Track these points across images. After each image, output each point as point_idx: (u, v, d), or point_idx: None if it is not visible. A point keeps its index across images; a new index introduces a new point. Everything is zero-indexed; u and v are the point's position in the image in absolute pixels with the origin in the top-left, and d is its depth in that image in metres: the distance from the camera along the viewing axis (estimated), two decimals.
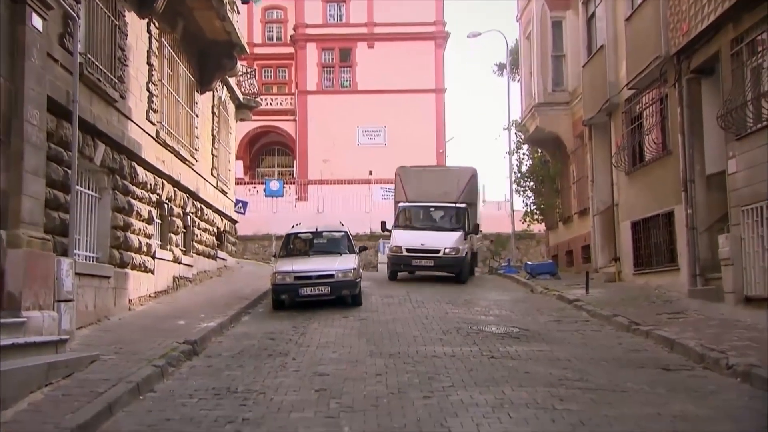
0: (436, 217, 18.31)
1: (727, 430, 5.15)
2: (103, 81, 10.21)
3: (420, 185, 18.80)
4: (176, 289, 14.31)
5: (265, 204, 32.60)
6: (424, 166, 21.26)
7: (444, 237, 16.92)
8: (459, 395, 6.17)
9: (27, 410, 5.51)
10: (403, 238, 17.04)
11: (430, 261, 16.62)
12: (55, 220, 8.56)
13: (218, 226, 19.23)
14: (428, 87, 40.44)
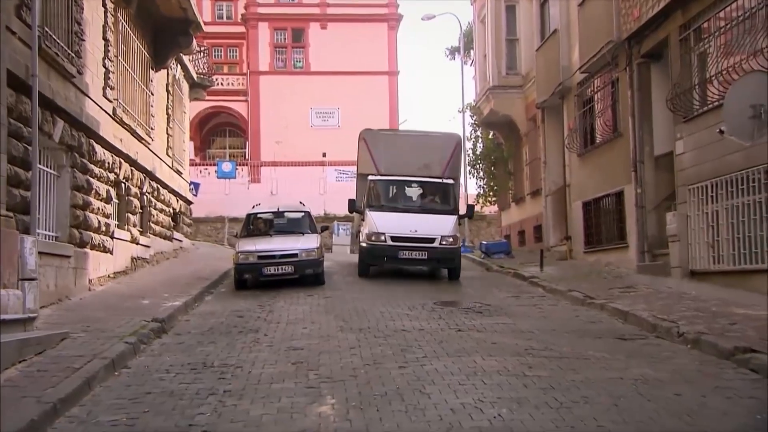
0: (421, 197, 14.80)
1: (684, 391, 5.46)
2: (61, 55, 9.96)
3: (395, 154, 14.79)
4: (134, 269, 14.12)
5: (218, 186, 32.19)
6: (396, 130, 18.08)
7: (439, 222, 13.50)
8: (433, 365, 6.37)
9: (4, 386, 5.47)
10: (386, 223, 13.34)
11: (423, 253, 13.12)
12: (16, 197, 8.37)
13: (174, 207, 18.99)
14: (381, 69, 40.44)
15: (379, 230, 13.23)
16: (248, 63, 40.93)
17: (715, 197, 10.54)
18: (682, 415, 4.79)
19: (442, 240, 13.12)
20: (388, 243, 13.16)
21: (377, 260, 13.60)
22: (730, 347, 6.72)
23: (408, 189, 14.93)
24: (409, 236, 13.13)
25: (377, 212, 13.78)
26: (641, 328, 8.47)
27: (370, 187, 14.42)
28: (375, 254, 13.44)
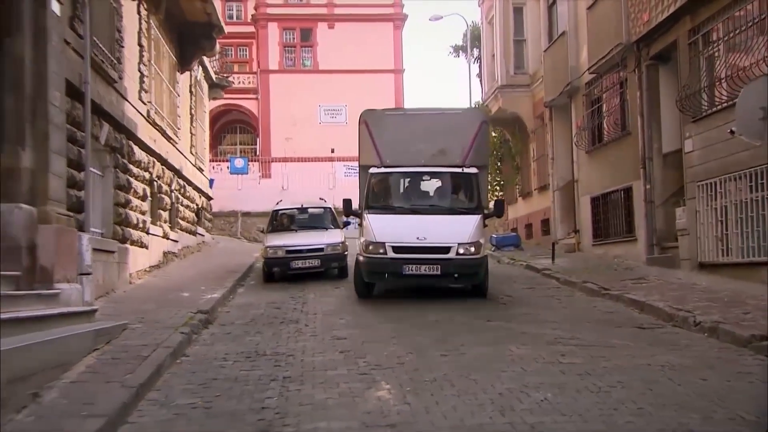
0: (434, 192, 11.58)
1: (709, 376, 5.75)
2: (105, 62, 10.28)
3: (403, 139, 11.36)
4: (166, 263, 14.45)
5: (230, 181, 32.50)
6: (405, 109, 12.63)
7: (456, 225, 10.25)
8: (472, 353, 6.69)
9: (87, 372, 5.79)
10: (386, 229, 10.17)
11: (434, 267, 9.81)
12: (72, 198, 8.68)
13: (197, 202, 19.30)
14: (387, 67, 40.72)
15: (378, 239, 9.97)
16: (258, 62, 41.16)
17: (724, 193, 10.83)
18: (712, 398, 5.07)
19: (459, 249, 9.81)
20: (389, 255, 9.85)
21: (376, 277, 10.28)
22: (746, 335, 6.97)
23: (418, 183, 11.60)
24: (415, 245, 9.88)
25: (376, 215, 10.53)
26: (658, 317, 8.74)
27: (370, 182, 11.19)
28: (373, 270, 10.09)
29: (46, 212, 7.33)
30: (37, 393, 4.99)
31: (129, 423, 4.87)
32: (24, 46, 7.11)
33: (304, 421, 4.79)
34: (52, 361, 5.40)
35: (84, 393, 5.18)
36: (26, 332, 5.50)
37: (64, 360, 5.66)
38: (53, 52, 7.61)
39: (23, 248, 6.93)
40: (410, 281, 10.37)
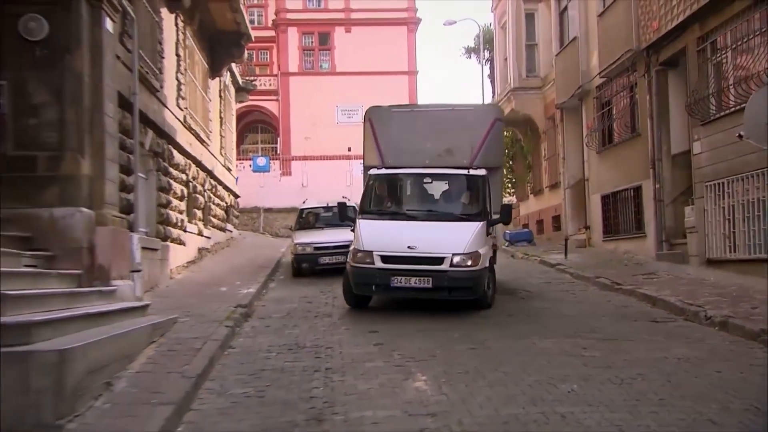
0: (436, 196, 10.34)
1: (723, 369, 5.92)
2: (149, 73, 10.54)
3: (407, 138, 10.21)
4: (201, 259, 14.75)
5: (253, 179, 32.79)
6: (412, 105, 11.11)
7: (453, 233, 9.03)
8: (499, 346, 6.89)
9: (148, 363, 6.04)
10: (375, 237, 9.09)
11: (426, 279, 8.66)
12: (123, 200, 8.97)
13: (226, 201, 19.61)
14: (401, 69, 40.86)
15: (365, 247, 8.91)
16: (279, 65, 41.42)
17: (731, 193, 10.94)
18: (728, 389, 5.23)
19: (454, 260, 8.57)
20: (377, 266, 8.72)
21: (363, 289, 9.06)
22: (756, 329, 7.09)
23: (418, 186, 10.38)
24: (404, 255, 8.69)
25: (368, 221, 9.47)
26: (670, 311, 8.89)
27: (368, 184, 10.15)
28: (360, 281, 8.95)
29: (103, 215, 7.61)
30: (110, 382, 5.25)
31: (192, 410, 5.09)
32: (83, 63, 7.38)
33: (351, 410, 4.98)
34: (120, 353, 5.66)
35: (149, 382, 5.43)
36: (95, 326, 5.77)
37: (129, 352, 5.93)
38: (107, 67, 7.89)
39: (84, 249, 7.23)
40: (399, 294, 9.04)
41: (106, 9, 7.87)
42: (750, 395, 5.09)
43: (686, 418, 4.55)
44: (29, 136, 7.18)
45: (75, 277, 7.02)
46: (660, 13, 12.66)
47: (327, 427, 4.64)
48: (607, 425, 4.40)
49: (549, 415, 4.64)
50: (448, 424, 4.52)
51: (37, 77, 7.21)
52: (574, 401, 4.96)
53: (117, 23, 8.65)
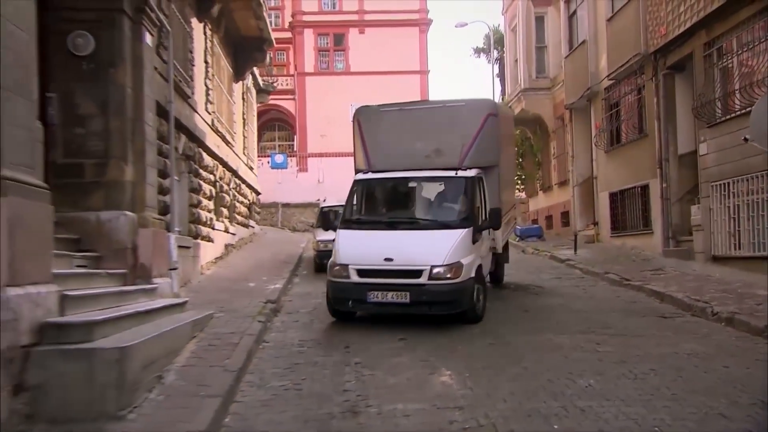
0: (420, 201, 9.31)
1: (731, 364, 6.06)
2: (182, 81, 10.77)
3: (394, 139, 9.32)
4: (227, 254, 15.02)
5: (271, 175, 33.06)
6: (401, 104, 9.93)
7: (433, 243, 8.03)
8: (517, 341, 7.08)
9: (192, 357, 6.27)
10: (352, 248, 8.29)
11: (403, 294, 7.74)
12: (161, 202, 9.20)
13: (249, 198, 19.85)
14: (413, 69, 40.94)
15: (341, 260, 8.12)
16: (295, 65, 41.60)
17: (736, 193, 11.03)
18: (736, 384, 5.38)
19: (433, 272, 7.64)
20: (353, 279, 7.94)
21: (340, 304, 8.25)
22: (761, 325, 7.23)
23: (403, 191, 9.35)
24: (381, 268, 7.83)
25: (348, 231, 8.69)
26: (678, 307, 9.03)
27: (352, 190, 9.20)
28: (336, 296, 8.21)
29: (144, 217, 7.85)
30: (161, 376, 5.50)
31: (236, 402, 5.33)
32: (125, 76, 7.60)
33: (384, 402, 5.16)
34: (168, 349, 5.91)
35: (195, 376, 5.66)
36: (144, 323, 6.02)
37: (174, 347, 6.17)
38: (147, 78, 8.11)
39: (128, 249, 7.47)
40: (376, 310, 8.09)
41: (146, 24, 8.09)
42: (756, 390, 5.23)
43: (698, 412, 4.71)
44: (77, 144, 7.40)
45: (121, 276, 7.26)
46: (667, 19, 12.71)
47: (362, 419, 4.83)
48: (624, 419, 4.57)
49: (569, 408, 4.82)
50: (475, 416, 4.71)
51: (83, 90, 7.42)
52: (592, 395, 5.13)
53: (154, 36, 8.87)
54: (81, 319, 4.94)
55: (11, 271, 4.42)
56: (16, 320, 4.39)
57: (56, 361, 4.56)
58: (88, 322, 4.92)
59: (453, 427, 4.54)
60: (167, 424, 4.52)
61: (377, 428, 4.65)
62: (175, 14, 10.52)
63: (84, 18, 7.37)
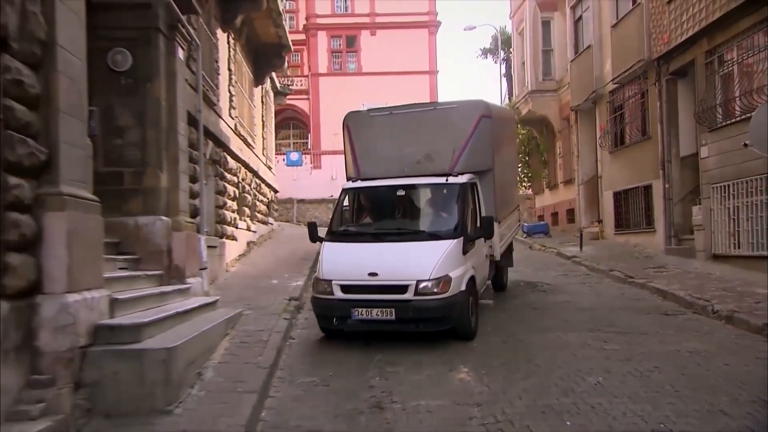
0: (408, 211, 8.47)
1: (731, 362, 6.21)
2: (209, 90, 10.96)
3: (383, 145, 8.66)
4: (249, 252, 15.24)
5: (286, 172, 33.29)
6: (391, 107, 9.18)
7: (420, 255, 7.24)
8: (528, 339, 7.26)
9: (227, 354, 6.50)
10: (335, 262, 7.54)
11: (389, 311, 7.02)
12: (192, 206, 9.43)
13: (268, 196, 20.08)
14: (423, 69, 41.09)
15: (324, 276, 7.41)
16: (309, 66, 41.77)
17: (736, 195, 11.14)
18: (736, 381, 5.53)
19: (419, 287, 6.91)
20: (337, 296, 7.23)
21: (325, 322, 7.56)
22: (760, 324, 7.35)
23: (391, 200, 8.43)
24: (365, 284, 7.12)
25: (332, 244, 7.90)
26: (680, 305, 9.16)
27: (339, 200, 8.57)
28: (320, 313, 7.55)
29: (178, 221, 8.07)
30: (200, 373, 5.74)
31: (270, 397, 5.56)
32: (160, 89, 7.81)
33: (407, 399, 5.36)
34: (206, 347, 6.15)
35: (232, 372, 5.90)
36: (183, 322, 6.26)
37: (211, 345, 6.41)
38: (180, 91, 8.32)
39: (164, 252, 7.69)
40: (362, 328, 7.27)
41: (178, 40, 8.30)
42: (755, 387, 5.38)
43: (700, 409, 4.88)
44: (116, 154, 7.63)
45: (157, 276, 7.49)
46: (670, 27, 12.78)
47: (388, 415, 5.05)
48: (631, 416, 4.76)
49: (580, 405, 5.01)
50: (492, 413, 4.92)
51: (122, 103, 7.64)
52: (601, 393, 5.31)
53: (185, 50, 9.07)
54: (130, 322, 5.18)
55: (70, 279, 4.67)
56: (75, 324, 4.65)
57: (110, 360, 4.82)
58: (136, 324, 5.16)
59: (472, 423, 4.74)
60: (211, 418, 4.77)
61: (403, 424, 4.86)
62: (203, 27, 10.71)
63: (122, 36, 7.58)
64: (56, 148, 4.72)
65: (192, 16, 9.25)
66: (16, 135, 4.36)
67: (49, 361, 4.47)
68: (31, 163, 4.50)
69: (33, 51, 4.56)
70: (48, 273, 4.56)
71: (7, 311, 4.21)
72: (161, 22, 7.81)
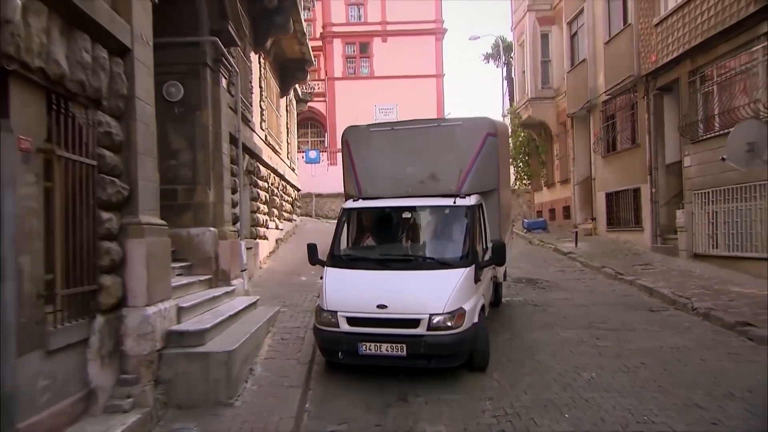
0: (416, 235, 7.47)
1: (707, 357, 6.57)
2: (245, 108, 11.38)
3: (385, 163, 7.59)
4: (277, 248, 15.73)
5: (305, 169, 33.83)
6: (394, 123, 8.22)
7: (432, 286, 6.26)
8: (531, 337, 7.60)
9: (271, 350, 6.95)
10: (341, 292, 6.49)
11: (399, 346, 5.96)
12: (233, 215, 9.89)
13: (292, 196, 20.53)
14: (430, 73, 41.26)
15: (329, 306, 6.36)
16: (326, 71, 42.02)
17: (715, 201, 11.45)
18: (710, 376, 5.90)
19: (432, 321, 5.96)
20: (343, 329, 6.21)
21: (329, 355, 6.46)
22: (732, 321, 7.71)
23: (396, 223, 7.46)
24: (374, 317, 6.10)
25: (336, 270, 6.85)
26: (664, 301, 9.48)
27: (340, 221, 7.44)
28: (324, 346, 6.46)
29: (223, 231, 8.55)
30: (252, 369, 6.21)
31: (311, 390, 6.01)
32: (208, 116, 8.25)
33: (429, 393, 5.74)
34: (255, 345, 6.62)
35: (277, 368, 6.33)
36: (235, 323, 6.74)
37: (258, 343, 6.89)
38: (223, 116, 8.77)
39: (212, 258, 8.18)
40: (370, 363, 6.18)
41: (222, 72, 8.73)
42: (727, 382, 5.74)
43: (678, 403, 5.26)
44: (171, 173, 8.09)
45: (207, 280, 7.98)
46: (657, 48, 13.02)
47: (414, 408, 5.43)
48: (620, 409, 5.17)
49: (576, 399, 5.42)
50: (502, 406, 5.34)
51: (175, 129, 8.10)
52: (594, 387, 5.70)
53: (227, 79, 9.49)
54: (195, 328, 5.66)
55: (148, 294, 5.15)
56: (153, 331, 5.13)
57: (181, 361, 5.30)
58: (200, 330, 5.63)
59: (486, 416, 5.18)
60: (266, 409, 5.23)
61: (426, 414, 5.28)
62: (240, 54, 11.10)
63: (175, 71, 8.00)
64: (135, 184, 5.18)
65: (232, 47, 9.65)
66: (107, 177, 4.82)
67: (134, 363, 4.96)
68: (118, 199, 4.96)
69: (118, 105, 5.00)
70: (131, 290, 5.04)
71: (102, 323, 4.69)
72: (208, 58, 8.24)
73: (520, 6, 22.58)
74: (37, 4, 3.77)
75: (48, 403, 3.95)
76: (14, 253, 3.63)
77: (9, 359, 3.56)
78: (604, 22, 16.11)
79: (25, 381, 3.71)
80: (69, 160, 4.29)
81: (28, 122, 3.82)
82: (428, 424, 5.06)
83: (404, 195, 7.37)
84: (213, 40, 8.21)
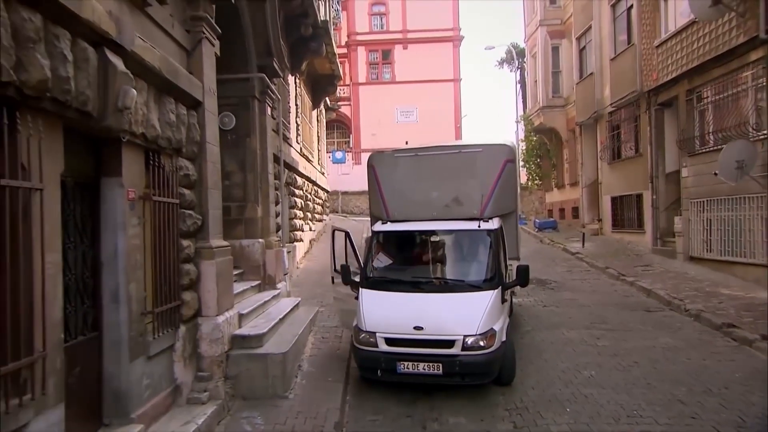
0: (445, 257, 7.34)
1: (692, 356, 6.98)
2: (284, 128, 12.05)
3: (411, 188, 7.66)
4: (311, 248, 16.44)
5: (332, 168, 34.60)
6: (417, 148, 8.06)
7: (464, 308, 6.31)
8: (539, 336, 8.09)
9: (314, 348, 7.62)
10: (379, 313, 6.44)
11: (435, 366, 6.00)
12: (276, 225, 10.60)
13: (323, 198, 21.23)
14: (448, 77, 41.57)
15: (368, 327, 6.34)
16: (351, 76, 42.61)
17: (709, 209, 11.80)
18: (693, 374, 6.34)
19: (466, 342, 6.00)
20: (381, 349, 6.21)
21: (369, 374, 6.39)
22: (719, 322, 8.08)
23: (424, 246, 7.39)
24: (411, 338, 6.12)
25: (371, 292, 6.79)
26: (660, 302, 9.86)
27: (371, 243, 7.50)
28: (364, 365, 6.38)
29: (269, 241, 9.25)
30: (300, 365, 6.91)
31: (350, 384, 6.64)
32: (256, 142, 8.93)
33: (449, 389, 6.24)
34: (302, 344, 7.31)
35: (320, 364, 6.99)
36: (284, 325, 7.43)
37: (304, 341, 7.58)
38: (268, 139, 9.44)
39: (260, 266, 8.89)
40: (408, 380, 6.17)
41: (267, 102, 9.40)
42: (708, 379, 6.17)
43: (663, 398, 5.73)
44: (225, 192, 8.68)
45: (257, 286, 8.69)
46: (658, 68, 13.33)
47: (437, 402, 5.99)
48: (613, 404, 5.69)
49: (576, 395, 5.96)
50: (513, 401, 5.90)
51: (228, 154, 8.78)
52: (593, 384, 6.19)
53: (271, 107, 10.17)
54: (255, 332, 6.36)
55: (218, 305, 5.86)
56: (222, 336, 5.85)
57: (244, 361, 6.01)
58: (259, 334, 6.34)
59: (499, 409, 5.76)
60: (316, 401, 5.90)
61: (448, 408, 5.84)
62: (280, 81, 11.75)
63: (229, 102, 8.67)
64: (206, 214, 5.89)
65: (275, 78, 10.30)
66: (186, 211, 5.53)
67: (208, 363, 5.69)
68: (194, 228, 5.68)
69: (193, 150, 5.70)
70: (205, 303, 5.76)
71: (184, 332, 5.42)
72: (256, 91, 8.91)
73: (532, 20, 22.86)
74: (141, 83, 4.46)
75: (149, 397, 4.69)
76: (126, 282, 4.35)
77: (125, 364, 4.30)
78: (610, 40, 16.40)
79: (134, 381, 4.45)
80: (160, 202, 4.99)
81: (133, 176, 4.53)
82: (450, 416, 5.67)
83: (431, 218, 7.41)
84: (260, 76, 8.87)
